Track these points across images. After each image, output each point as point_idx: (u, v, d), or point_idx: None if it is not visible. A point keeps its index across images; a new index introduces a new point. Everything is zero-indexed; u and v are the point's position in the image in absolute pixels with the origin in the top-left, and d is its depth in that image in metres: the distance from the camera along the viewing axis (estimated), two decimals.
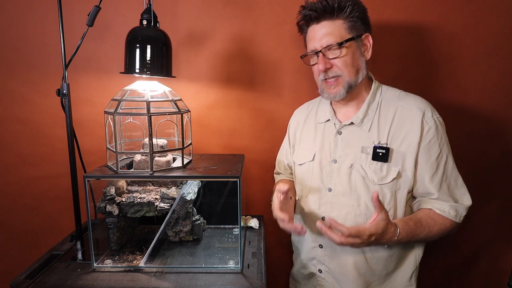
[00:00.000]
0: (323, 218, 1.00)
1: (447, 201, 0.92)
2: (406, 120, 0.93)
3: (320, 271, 1.04)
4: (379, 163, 0.92)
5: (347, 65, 0.93)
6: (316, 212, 1.02)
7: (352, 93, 0.97)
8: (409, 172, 0.92)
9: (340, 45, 0.92)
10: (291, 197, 1.03)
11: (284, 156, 1.20)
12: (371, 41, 0.96)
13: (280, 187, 0.94)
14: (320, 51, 0.94)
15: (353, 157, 0.96)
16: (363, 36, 0.95)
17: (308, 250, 1.06)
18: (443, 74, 1.32)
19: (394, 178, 0.91)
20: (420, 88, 1.33)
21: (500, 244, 1.47)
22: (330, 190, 1.00)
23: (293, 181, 1.16)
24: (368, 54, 0.97)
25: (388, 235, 0.86)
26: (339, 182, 0.98)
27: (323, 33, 0.93)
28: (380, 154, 0.92)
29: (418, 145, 0.91)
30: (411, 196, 0.97)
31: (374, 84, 1.00)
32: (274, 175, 1.28)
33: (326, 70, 0.95)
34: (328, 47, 0.93)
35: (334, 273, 1.01)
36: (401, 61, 1.31)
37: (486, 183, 1.40)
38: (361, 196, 0.94)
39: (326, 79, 0.97)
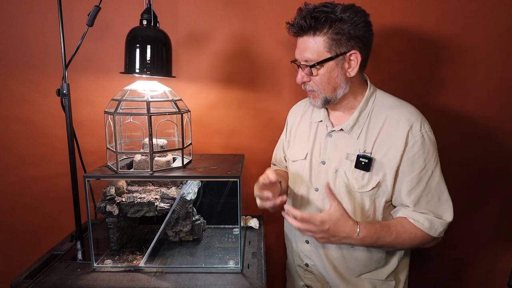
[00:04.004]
0: None
1: (423, 214, 0.91)
2: (392, 131, 0.91)
3: (307, 265, 1.07)
4: (361, 172, 0.93)
5: (322, 83, 0.93)
6: (303, 210, 1.02)
7: (339, 102, 0.98)
8: (388, 183, 0.91)
9: (311, 67, 0.91)
10: (280, 182, 1.03)
11: (281, 148, 1.21)
12: (359, 58, 0.90)
13: (270, 176, 0.91)
14: (300, 65, 0.95)
15: (339, 162, 0.97)
16: (349, 54, 0.89)
17: (297, 245, 1.09)
18: (443, 74, 1.32)
19: (374, 188, 0.92)
20: (419, 89, 1.33)
21: (500, 244, 1.47)
22: (317, 190, 1.02)
23: (287, 172, 1.17)
24: (353, 72, 0.91)
25: (345, 229, 0.86)
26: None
27: (303, 48, 0.92)
28: (363, 163, 0.92)
29: (401, 158, 0.89)
30: (391, 205, 0.97)
31: (369, 91, 0.97)
32: (271, 165, 1.27)
33: (303, 83, 0.97)
34: (305, 64, 0.93)
35: (319, 267, 1.04)
36: (400, 62, 1.31)
37: (486, 184, 1.39)
38: (343, 201, 0.94)
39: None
